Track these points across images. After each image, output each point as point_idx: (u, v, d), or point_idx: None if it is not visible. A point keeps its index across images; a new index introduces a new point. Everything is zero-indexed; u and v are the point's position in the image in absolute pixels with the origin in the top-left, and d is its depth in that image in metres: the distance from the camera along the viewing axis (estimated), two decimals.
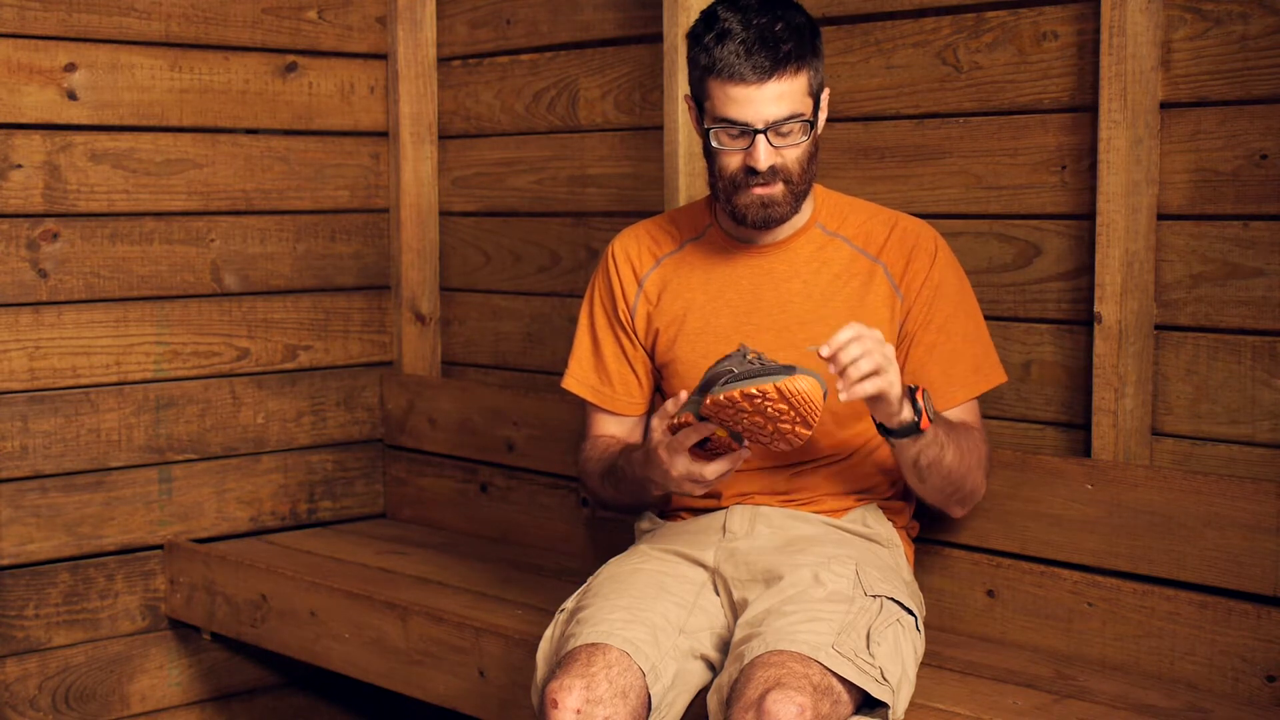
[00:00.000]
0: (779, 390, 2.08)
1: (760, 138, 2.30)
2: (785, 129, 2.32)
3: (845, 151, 2.90)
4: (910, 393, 2.25)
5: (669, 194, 3.08)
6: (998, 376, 2.51)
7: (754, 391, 2.09)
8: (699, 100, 2.38)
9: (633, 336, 2.58)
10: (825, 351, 2.14)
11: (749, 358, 2.16)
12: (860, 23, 2.87)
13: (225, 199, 3.50)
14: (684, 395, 2.21)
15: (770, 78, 2.28)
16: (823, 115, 2.40)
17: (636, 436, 2.61)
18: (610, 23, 3.33)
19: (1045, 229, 2.69)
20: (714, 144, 2.34)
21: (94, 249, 3.33)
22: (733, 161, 2.35)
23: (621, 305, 2.57)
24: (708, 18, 2.35)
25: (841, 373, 2.14)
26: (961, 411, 2.47)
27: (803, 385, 2.08)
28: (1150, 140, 2.52)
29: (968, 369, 2.47)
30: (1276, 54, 2.41)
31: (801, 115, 2.32)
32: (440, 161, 3.74)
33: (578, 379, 2.63)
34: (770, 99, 2.29)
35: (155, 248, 3.41)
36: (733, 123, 2.31)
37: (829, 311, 2.45)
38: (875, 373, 2.15)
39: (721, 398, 2.11)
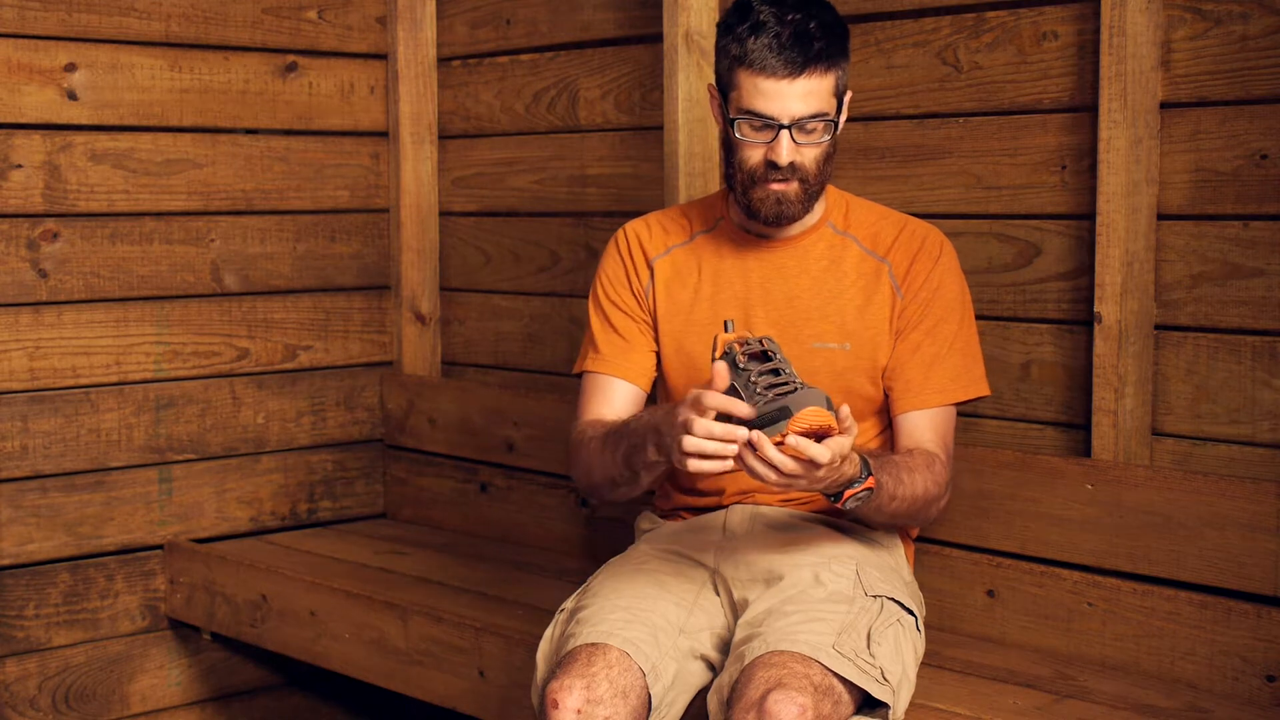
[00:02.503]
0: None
1: (784, 133, 2.30)
2: (810, 126, 2.32)
3: (845, 151, 2.90)
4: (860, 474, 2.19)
5: (669, 194, 3.08)
6: (979, 389, 2.47)
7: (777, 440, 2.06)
8: (724, 90, 2.37)
9: (646, 312, 2.54)
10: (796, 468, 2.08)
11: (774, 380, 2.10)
12: (860, 23, 2.87)
13: (225, 199, 3.50)
14: (744, 406, 2.10)
15: (801, 74, 2.28)
16: (843, 117, 2.39)
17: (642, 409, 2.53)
18: (610, 23, 3.33)
19: (1045, 229, 2.69)
20: (737, 135, 2.34)
21: (94, 249, 3.33)
22: (754, 155, 2.35)
23: (635, 283, 2.55)
24: (741, 8, 2.34)
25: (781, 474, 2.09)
26: (930, 420, 2.43)
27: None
28: (1150, 140, 2.52)
29: (947, 376, 2.44)
30: (1276, 54, 2.41)
31: (826, 115, 2.32)
32: (440, 161, 3.74)
33: (590, 359, 2.56)
34: (798, 95, 2.29)
35: (155, 248, 3.41)
36: (758, 115, 2.31)
37: (834, 310, 2.45)
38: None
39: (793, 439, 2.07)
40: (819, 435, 2.06)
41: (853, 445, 2.10)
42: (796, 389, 2.07)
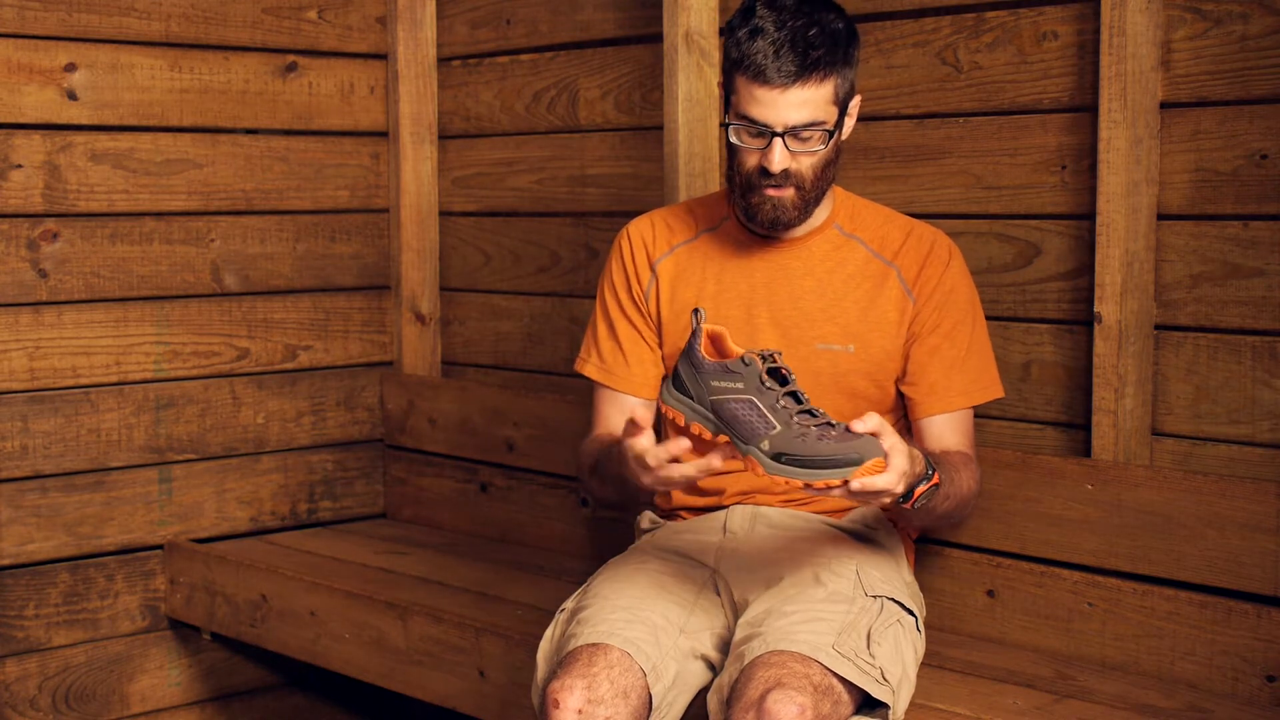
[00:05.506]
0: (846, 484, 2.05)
1: (777, 141, 2.28)
2: (805, 135, 2.29)
3: (846, 152, 2.89)
4: (924, 476, 2.20)
5: (669, 194, 3.08)
6: (995, 391, 2.49)
7: (822, 486, 2.05)
8: (726, 92, 2.36)
9: (647, 318, 2.55)
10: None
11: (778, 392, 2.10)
12: (860, 23, 2.85)
13: (225, 199, 3.50)
14: (683, 443, 2.12)
15: (794, 83, 2.25)
16: (849, 123, 2.37)
17: (649, 421, 2.55)
18: (610, 23, 3.33)
19: (1045, 229, 2.69)
20: (733, 139, 2.33)
21: (94, 249, 3.33)
22: (749, 159, 2.34)
23: (635, 287, 2.55)
24: (746, 11, 2.32)
25: (849, 485, 2.08)
26: (954, 422, 2.45)
27: (877, 481, 2.05)
28: (1150, 140, 2.52)
29: (968, 378, 2.45)
30: (1276, 54, 2.41)
31: (823, 124, 2.29)
32: (440, 161, 3.74)
33: (594, 364, 2.58)
34: (793, 104, 2.26)
35: (155, 248, 3.41)
36: (753, 122, 2.29)
37: (840, 311, 2.45)
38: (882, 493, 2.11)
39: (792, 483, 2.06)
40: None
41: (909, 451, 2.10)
42: (834, 425, 2.07)
